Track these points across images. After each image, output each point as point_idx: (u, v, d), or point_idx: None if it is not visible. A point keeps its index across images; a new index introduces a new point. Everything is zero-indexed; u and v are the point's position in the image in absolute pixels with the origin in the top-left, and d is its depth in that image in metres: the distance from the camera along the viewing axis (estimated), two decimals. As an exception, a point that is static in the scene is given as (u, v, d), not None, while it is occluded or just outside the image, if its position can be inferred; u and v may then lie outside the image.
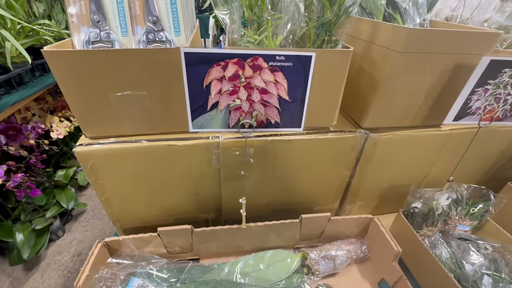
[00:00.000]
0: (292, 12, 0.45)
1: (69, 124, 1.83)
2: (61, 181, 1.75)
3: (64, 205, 1.64)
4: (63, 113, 1.89)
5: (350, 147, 0.59)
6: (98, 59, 0.40)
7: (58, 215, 1.62)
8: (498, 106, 0.53)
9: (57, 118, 1.80)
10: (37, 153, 1.45)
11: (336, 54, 0.44)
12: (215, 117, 0.44)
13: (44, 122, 1.72)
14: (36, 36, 1.23)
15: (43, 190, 1.60)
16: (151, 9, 0.48)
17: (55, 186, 1.74)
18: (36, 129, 1.52)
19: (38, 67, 1.37)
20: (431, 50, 0.46)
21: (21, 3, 1.20)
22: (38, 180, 1.47)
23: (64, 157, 1.96)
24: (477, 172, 0.74)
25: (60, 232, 1.63)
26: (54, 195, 1.69)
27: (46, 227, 1.53)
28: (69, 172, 1.84)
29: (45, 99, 1.89)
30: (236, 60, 0.39)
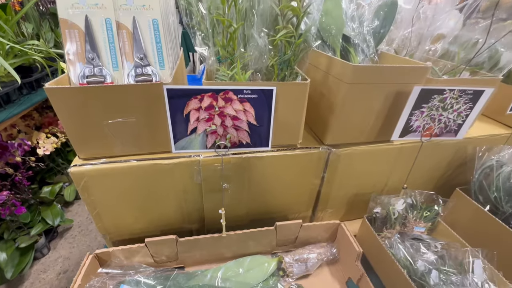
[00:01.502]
0: (259, 50, 0.54)
1: (56, 140, 1.84)
2: (47, 198, 1.75)
3: (50, 221, 1.63)
4: (50, 129, 1.90)
5: (315, 161, 0.68)
6: (93, 94, 0.48)
7: (43, 232, 1.61)
8: (434, 125, 0.63)
9: (44, 135, 1.81)
10: (23, 170, 1.45)
11: (295, 86, 0.53)
12: (194, 140, 0.51)
13: (31, 138, 1.73)
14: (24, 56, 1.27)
15: (28, 207, 1.59)
16: (139, 47, 0.56)
17: (40, 203, 1.72)
18: (23, 146, 1.53)
19: (25, 85, 1.41)
20: (373, 81, 0.56)
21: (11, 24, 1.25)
22: (23, 197, 1.47)
23: (50, 173, 1.96)
24: (430, 179, 0.84)
25: (45, 249, 1.61)
26: (39, 212, 1.68)
27: (30, 245, 1.51)
28: (55, 188, 1.84)
29: (31, 115, 1.90)
30: (210, 94, 0.47)
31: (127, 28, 0.55)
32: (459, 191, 0.81)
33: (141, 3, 0.54)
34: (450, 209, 0.84)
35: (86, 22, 0.52)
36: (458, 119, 0.63)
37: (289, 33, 0.49)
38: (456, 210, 0.81)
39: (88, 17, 0.52)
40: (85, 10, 0.52)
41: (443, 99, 0.59)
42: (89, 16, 0.52)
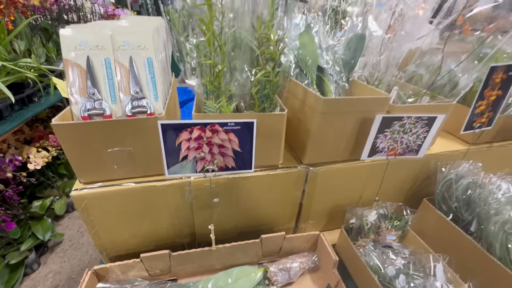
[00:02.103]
0: (242, 85, 0.62)
1: (47, 154, 1.85)
2: (37, 212, 1.75)
3: (40, 236, 1.63)
4: (40, 143, 1.91)
5: (296, 179, 0.76)
6: (94, 128, 0.54)
7: (34, 248, 1.61)
8: (397, 146, 0.72)
9: (35, 149, 1.82)
10: (14, 185, 1.46)
11: (273, 117, 0.61)
12: (185, 166, 0.58)
13: (21, 153, 1.74)
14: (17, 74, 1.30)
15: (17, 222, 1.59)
16: (135, 82, 0.62)
17: (30, 218, 1.72)
18: (14, 162, 1.55)
19: (17, 101, 1.43)
20: (342, 111, 0.65)
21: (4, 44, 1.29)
22: (13, 212, 1.48)
23: (40, 187, 1.95)
24: (400, 191, 0.94)
25: (35, 265, 1.61)
26: (29, 227, 1.68)
27: (20, 261, 1.52)
28: (45, 203, 1.84)
29: (22, 129, 1.91)
30: (199, 126, 0.54)
31: (124, 66, 0.61)
32: (426, 201, 0.91)
33: (137, 44, 0.62)
34: (418, 218, 0.93)
35: (88, 62, 0.59)
36: (417, 140, 0.73)
37: (267, 72, 0.57)
38: (423, 219, 0.91)
39: (90, 58, 0.59)
40: (87, 52, 0.59)
41: (402, 124, 0.68)
42: (91, 57, 0.59)
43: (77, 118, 0.59)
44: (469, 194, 0.85)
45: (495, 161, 0.98)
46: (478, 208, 0.81)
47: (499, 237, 0.73)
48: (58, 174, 2.06)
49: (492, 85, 0.74)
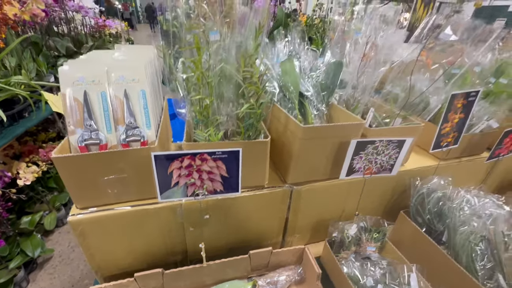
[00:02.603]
0: (229, 115, 0.68)
1: (37, 169, 1.85)
2: (27, 228, 1.73)
3: (30, 253, 1.62)
4: (30, 158, 1.91)
5: (281, 197, 0.81)
6: (92, 159, 0.58)
7: (22, 265, 1.59)
8: (372, 166, 0.79)
9: (24, 164, 1.81)
10: (3, 202, 1.46)
11: (257, 144, 0.67)
12: (177, 191, 0.63)
13: (10, 169, 1.73)
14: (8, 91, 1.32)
15: (6, 239, 1.58)
16: (129, 113, 0.67)
17: (19, 234, 1.71)
18: (3, 178, 1.54)
19: (8, 117, 1.44)
20: (320, 136, 0.72)
21: (-4, 62, 1.31)
22: (1, 230, 1.47)
23: (29, 201, 1.94)
24: (379, 205, 1.01)
25: (24, 283, 1.59)
26: (18, 244, 1.66)
27: (9, 280, 1.50)
28: (35, 218, 1.83)
29: (11, 144, 1.89)
30: (189, 156, 0.59)
31: (119, 98, 0.66)
32: (403, 214, 0.98)
33: (131, 77, 0.67)
34: (396, 230, 1.00)
35: (85, 96, 0.63)
36: (390, 160, 0.80)
37: (251, 105, 0.63)
38: (401, 230, 0.98)
39: (87, 92, 0.64)
40: (84, 86, 0.63)
41: (375, 147, 0.75)
42: (87, 91, 0.64)
43: (74, 148, 0.63)
44: (440, 206, 0.92)
45: (464, 174, 1.07)
46: (448, 220, 0.88)
47: (465, 247, 0.80)
48: (47, 188, 2.05)
49: (454, 109, 0.83)
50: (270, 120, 0.84)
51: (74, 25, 3.17)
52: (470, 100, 0.84)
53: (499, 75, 1.20)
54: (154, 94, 0.76)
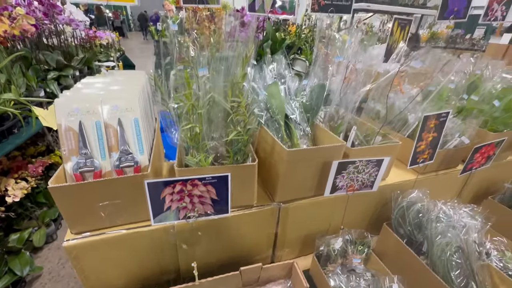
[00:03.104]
0: (217, 141, 0.72)
1: (26, 185, 1.83)
2: (15, 246, 1.70)
3: (18, 272, 1.59)
4: (19, 174, 1.88)
5: (270, 215, 0.86)
6: (87, 187, 0.61)
7: (11, 284, 1.56)
8: (354, 183, 0.85)
9: (13, 181, 1.79)
10: (-9, 221, 1.44)
11: (245, 167, 0.71)
12: (169, 215, 0.66)
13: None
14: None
15: (-7, 258, 1.55)
16: (122, 141, 0.71)
17: (7, 252, 1.67)
18: (-9, 197, 1.52)
19: (-4, 134, 1.42)
20: (304, 158, 0.77)
21: (-14, 79, 1.31)
22: (-11, 250, 1.44)
23: (18, 218, 1.90)
24: (363, 218, 1.06)
25: (13, 303, 1.55)
26: (6, 262, 1.63)
27: (-3, 300, 1.47)
28: (23, 235, 1.80)
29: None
30: (181, 182, 0.63)
31: (113, 127, 0.70)
32: (386, 226, 1.04)
33: (125, 107, 0.70)
34: (380, 241, 1.06)
35: (80, 126, 0.66)
36: (370, 178, 0.86)
37: (239, 133, 0.68)
38: (384, 242, 1.03)
39: (82, 122, 0.67)
40: (79, 117, 0.67)
41: (356, 166, 0.81)
42: (83, 121, 0.67)
43: (69, 176, 0.66)
44: (420, 218, 0.98)
45: (442, 186, 1.14)
46: (427, 231, 0.94)
47: (441, 257, 0.86)
48: (37, 203, 2.02)
49: (428, 129, 0.89)
50: (258, 141, 0.88)
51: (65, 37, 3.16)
52: (442, 120, 0.91)
53: (471, 92, 1.29)
54: (146, 119, 0.80)
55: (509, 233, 1.10)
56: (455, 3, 1.31)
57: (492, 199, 1.23)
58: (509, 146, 1.19)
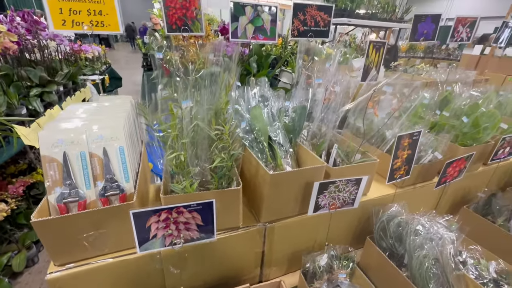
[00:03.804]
0: (202, 167, 0.74)
1: (6, 207, 1.77)
2: (-7, 274, 1.62)
3: (-4, 301, 1.52)
4: (-2, 196, 1.81)
5: (256, 235, 0.88)
6: (71, 220, 0.61)
7: (-12, 315, 1.48)
8: (336, 201, 0.89)
9: (-8, 203, 1.72)
10: (-32, 248, 1.38)
11: (230, 192, 0.73)
12: (155, 243, 0.67)
13: (-24, 210, 1.64)
14: (-23, 132, 1.29)
15: (-31, 287, 1.48)
16: (108, 169, 0.71)
17: (-16, 280, 1.59)
18: (-32, 222, 1.46)
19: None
20: (287, 180, 0.80)
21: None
22: (-34, 278, 1.38)
23: (-5, 243, 1.82)
24: (348, 233, 1.10)
25: (-11, 335, 1.47)
26: (-18, 291, 1.55)
27: (-27, 333, 1.39)
28: (2, 260, 1.73)
29: (-23, 182, 1.80)
30: (166, 210, 0.64)
31: (98, 156, 0.70)
32: (369, 239, 1.07)
33: (110, 136, 0.71)
34: (364, 254, 1.09)
35: (64, 157, 0.67)
36: (351, 195, 0.90)
37: (222, 159, 0.71)
38: (368, 255, 1.07)
39: (66, 153, 0.67)
40: (63, 148, 0.67)
41: (337, 186, 0.85)
42: (67, 151, 0.67)
43: (53, 207, 0.66)
44: (400, 231, 1.03)
45: (420, 198, 1.20)
46: (406, 244, 0.98)
47: (420, 269, 0.90)
48: (17, 225, 1.94)
49: (402, 147, 0.95)
50: (243, 161, 0.91)
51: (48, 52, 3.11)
52: (415, 139, 0.97)
53: (443, 107, 1.38)
54: (132, 145, 0.81)
55: (483, 241, 1.16)
56: (424, 26, 1.42)
57: (467, 208, 1.30)
58: (479, 158, 1.27)
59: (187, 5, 0.98)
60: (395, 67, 3.51)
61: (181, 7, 0.97)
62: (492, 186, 1.45)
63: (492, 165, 1.34)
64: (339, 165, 1.00)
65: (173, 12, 0.97)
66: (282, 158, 0.92)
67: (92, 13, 0.91)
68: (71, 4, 0.87)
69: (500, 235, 1.17)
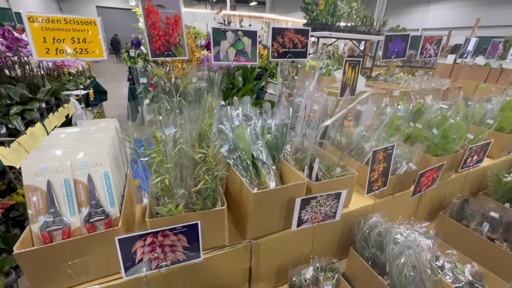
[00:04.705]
0: (187, 189, 0.76)
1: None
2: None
3: (-28, 333, 1.43)
4: (-25, 221, 1.74)
5: (242, 252, 0.90)
6: (55, 249, 0.62)
7: None
8: (318, 215, 0.93)
9: (-32, 229, 1.65)
10: None
11: (215, 212, 0.76)
12: (141, 267, 0.68)
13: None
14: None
15: None
16: (92, 195, 0.72)
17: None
18: None
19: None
20: (270, 197, 0.83)
21: None
22: None
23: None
24: (332, 244, 1.14)
25: None
26: (-44, 324, 1.47)
27: None
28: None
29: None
30: (152, 234, 0.66)
31: (83, 182, 0.71)
32: (352, 249, 1.12)
33: (94, 162, 0.73)
34: (349, 264, 1.13)
35: (48, 185, 0.68)
36: (332, 209, 0.94)
37: (207, 182, 0.73)
38: (353, 264, 1.11)
39: (50, 181, 0.68)
40: (47, 176, 0.68)
41: (318, 201, 0.89)
42: (51, 179, 0.68)
43: (36, 236, 0.66)
44: (380, 240, 1.08)
45: (399, 207, 1.26)
46: (387, 253, 1.03)
47: (400, 277, 0.95)
48: (-5, 250, 1.85)
49: (378, 161, 1.01)
50: (228, 179, 0.94)
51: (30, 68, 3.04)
52: (389, 153, 1.04)
53: (416, 119, 1.48)
54: (117, 168, 0.83)
55: (459, 245, 1.23)
56: (395, 45, 1.53)
57: (444, 214, 1.38)
58: (451, 167, 1.36)
59: (170, 32, 1.02)
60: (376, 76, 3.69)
61: (164, 34, 1.01)
62: (465, 192, 1.54)
63: (463, 173, 1.43)
64: (321, 179, 1.05)
65: (156, 38, 1.01)
66: (265, 175, 0.95)
67: (76, 41, 0.93)
68: (54, 33, 0.89)
69: (473, 238, 1.24)
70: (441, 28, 10.44)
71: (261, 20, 10.40)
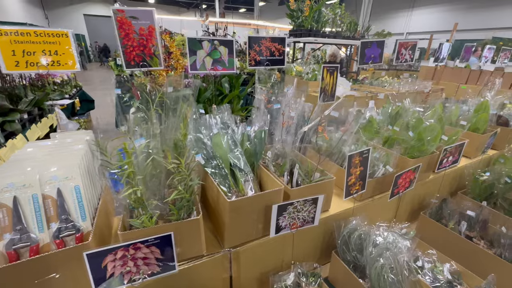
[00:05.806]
0: (160, 200, 0.76)
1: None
2: None
3: None
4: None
5: (221, 261, 0.89)
6: (21, 267, 0.60)
7: None
8: (296, 221, 0.94)
9: None
10: None
11: (189, 223, 0.76)
12: (113, 281, 0.67)
13: None
14: None
15: None
16: (62, 210, 0.71)
17: None
18: None
19: None
20: (246, 205, 0.83)
21: None
22: None
23: None
24: (314, 249, 1.14)
25: None
26: None
27: None
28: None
29: None
30: (122, 248, 0.65)
31: (52, 197, 0.70)
32: (334, 253, 1.12)
33: (64, 176, 0.72)
34: (331, 268, 1.14)
35: (14, 201, 0.66)
36: (310, 214, 0.95)
37: (179, 192, 0.73)
38: (335, 269, 1.11)
39: (16, 197, 0.66)
40: (13, 192, 0.66)
41: (295, 207, 0.90)
42: (17, 195, 0.67)
43: (1, 254, 0.64)
44: (360, 243, 1.09)
45: (379, 209, 1.28)
46: (366, 256, 1.05)
47: (379, 279, 0.96)
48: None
49: (354, 165, 1.03)
50: (206, 188, 0.94)
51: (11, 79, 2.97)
52: (365, 156, 1.06)
53: (394, 122, 1.51)
54: (90, 181, 0.82)
55: (439, 245, 1.26)
56: (371, 51, 1.58)
57: (424, 214, 1.41)
58: (428, 168, 1.40)
59: (145, 43, 1.02)
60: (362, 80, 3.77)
61: (139, 45, 1.01)
62: (445, 192, 1.58)
63: (440, 173, 1.47)
64: (300, 184, 1.06)
65: (130, 49, 1.01)
66: (243, 183, 0.96)
67: (48, 53, 0.92)
68: (24, 46, 0.88)
69: (451, 237, 1.27)
70: (424, 32, 10.79)
71: (248, 27, 10.54)
